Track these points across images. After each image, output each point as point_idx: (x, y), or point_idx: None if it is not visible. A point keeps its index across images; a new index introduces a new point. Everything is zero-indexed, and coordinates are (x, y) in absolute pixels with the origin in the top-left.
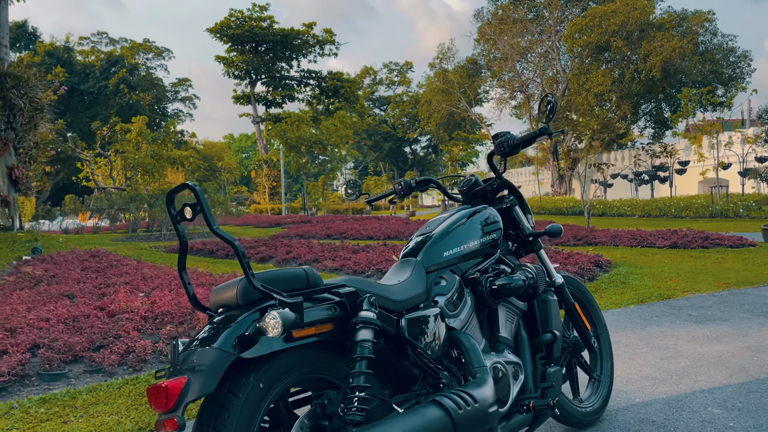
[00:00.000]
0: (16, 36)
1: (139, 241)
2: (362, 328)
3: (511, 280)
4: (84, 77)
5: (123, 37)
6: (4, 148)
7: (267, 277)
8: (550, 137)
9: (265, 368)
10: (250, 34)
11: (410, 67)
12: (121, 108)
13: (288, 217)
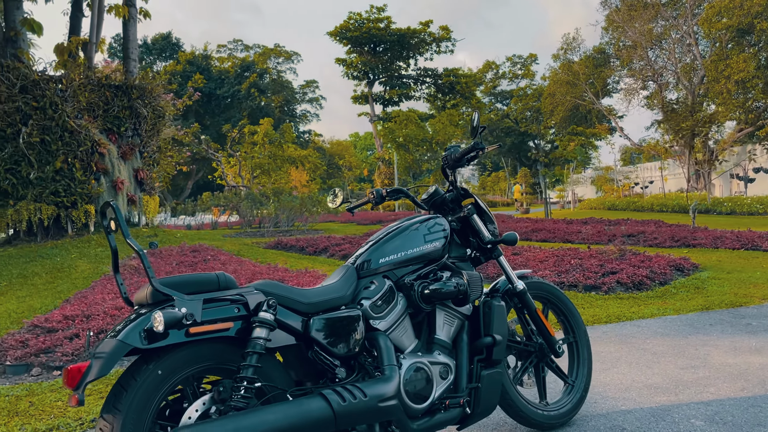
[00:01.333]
0: (162, 47)
1: (246, 237)
2: (257, 326)
3: (442, 286)
4: (220, 83)
5: (256, 44)
6: (130, 153)
7: (175, 281)
8: (483, 151)
9: (165, 358)
10: (368, 35)
11: (534, 60)
12: (252, 111)
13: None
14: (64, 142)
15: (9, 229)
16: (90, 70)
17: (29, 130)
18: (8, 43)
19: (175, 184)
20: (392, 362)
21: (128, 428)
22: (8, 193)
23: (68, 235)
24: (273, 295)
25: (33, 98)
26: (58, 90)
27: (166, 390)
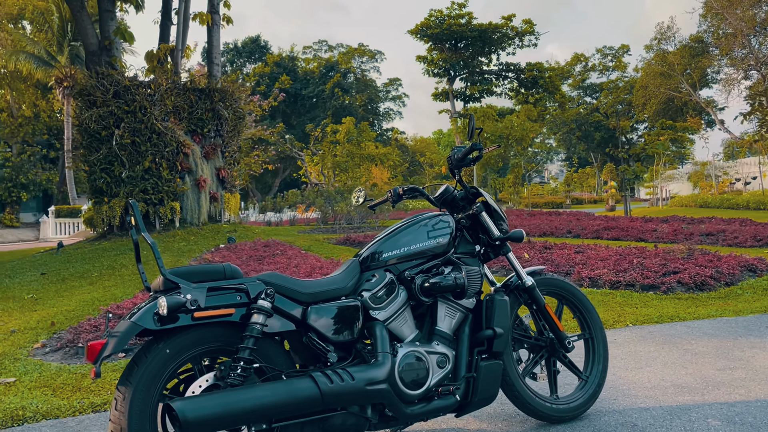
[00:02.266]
0: (251, 49)
1: (319, 233)
2: (255, 313)
3: (441, 280)
4: (305, 83)
5: (340, 43)
6: (213, 152)
7: (184, 270)
8: (481, 152)
9: (173, 339)
10: (449, 32)
11: (626, 51)
12: (335, 110)
13: None
14: (152, 143)
15: (104, 225)
16: (176, 75)
17: (121, 132)
18: (103, 51)
19: (264, 182)
20: (386, 350)
21: (137, 399)
22: (103, 191)
23: (156, 230)
24: (273, 285)
25: (125, 102)
26: (147, 94)
27: (174, 367)
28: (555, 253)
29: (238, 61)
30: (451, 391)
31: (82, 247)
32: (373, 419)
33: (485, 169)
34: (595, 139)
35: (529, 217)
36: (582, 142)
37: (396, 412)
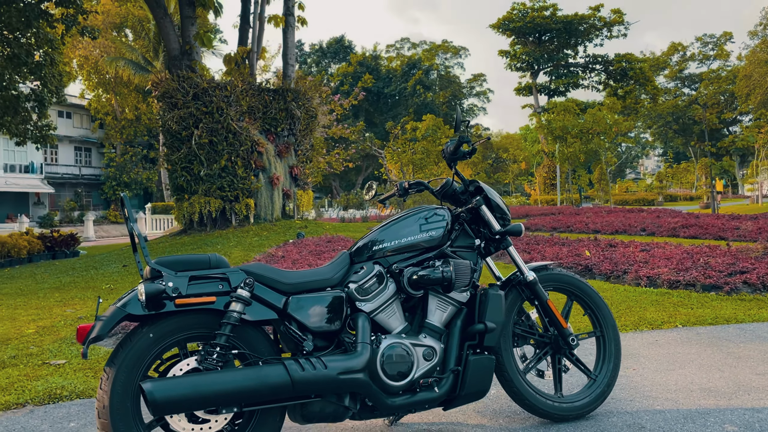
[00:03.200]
0: (335, 50)
1: None
2: (233, 301)
3: (429, 273)
4: (388, 81)
5: (423, 41)
6: (286, 151)
7: (170, 260)
8: (470, 144)
9: (157, 324)
10: (532, 25)
11: (729, 38)
12: (417, 107)
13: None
14: (228, 143)
15: (185, 220)
16: (251, 77)
17: (200, 132)
18: (184, 55)
19: (348, 179)
20: (365, 341)
21: (120, 379)
22: (184, 189)
23: (232, 225)
24: (255, 275)
25: (203, 104)
26: (223, 96)
27: (158, 351)
28: (618, 251)
29: (323, 61)
30: (437, 384)
31: (164, 242)
32: (352, 408)
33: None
34: (694, 132)
35: (606, 215)
36: (679, 135)
37: (376, 403)
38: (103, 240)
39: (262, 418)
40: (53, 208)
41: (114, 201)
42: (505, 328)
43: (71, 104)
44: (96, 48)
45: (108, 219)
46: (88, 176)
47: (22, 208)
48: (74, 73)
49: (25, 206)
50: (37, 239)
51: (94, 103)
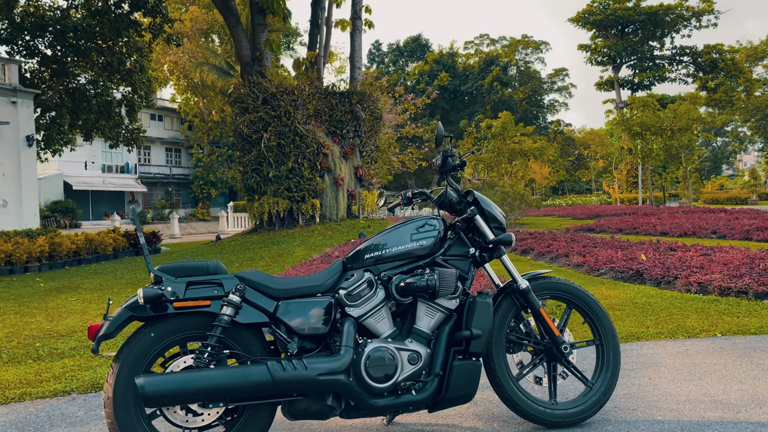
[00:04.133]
0: (412, 48)
1: None
2: (225, 305)
3: (415, 281)
4: (464, 79)
5: (502, 36)
6: (351, 152)
7: (172, 266)
8: (453, 158)
9: (158, 324)
10: (614, 17)
11: None
12: (494, 104)
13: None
14: (295, 145)
15: (255, 220)
16: (318, 81)
17: (268, 135)
18: (255, 61)
19: (424, 178)
20: (348, 344)
21: (123, 373)
22: (254, 189)
23: (299, 225)
24: (248, 281)
25: (272, 108)
26: (291, 100)
27: (159, 349)
28: (676, 255)
29: (400, 60)
30: (422, 387)
31: (234, 240)
32: (337, 407)
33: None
34: None
35: (681, 216)
36: None
37: (359, 403)
38: (188, 237)
39: (253, 413)
40: (146, 206)
41: (201, 199)
42: (497, 335)
43: (162, 107)
44: (185, 54)
45: (196, 216)
46: (177, 176)
47: (119, 205)
48: (165, 78)
49: (120, 204)
50: (121, 237)
51: (183, 106)
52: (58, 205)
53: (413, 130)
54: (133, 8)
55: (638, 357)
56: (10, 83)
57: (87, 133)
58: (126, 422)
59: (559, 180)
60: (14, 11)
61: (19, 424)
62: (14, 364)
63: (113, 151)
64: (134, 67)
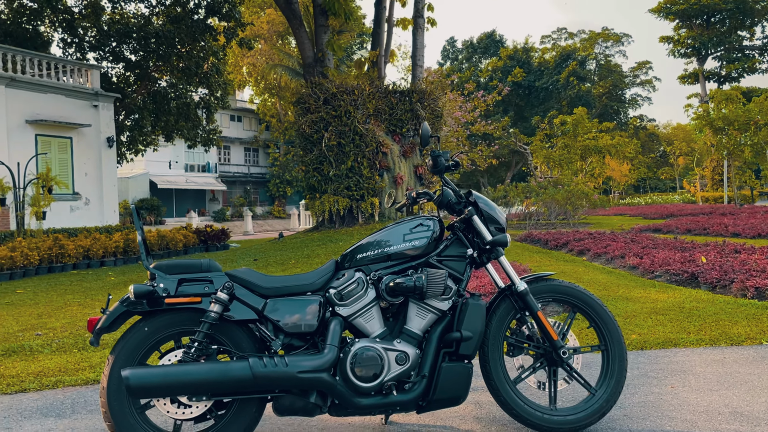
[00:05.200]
0: (486, 45)
1: (512, 230)
2: (213, 302)
3: (404, 281)
4: (539, 75)
5: (581, 30)
6: (410, 151)
7: (167, 264)
8: (440, 158)
9: (152, 319)
10: (698, 6)
11: None
12: (570, 100)
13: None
14: (354, 144)
15: (317, 218)
16: (379, 80)
17: (329, 135)
18: (317, 63)
19: (497, 176)
20: (333, 343)
21: (117, 365)
22: (315, 188)
23: (358, 223)
24: (238, 279)
25: (332, 108)
26: (351, 100)
27: (152, 342)
28: (739, 258)
29: (474, 57)
30: (410, 388)
31: (296, 237)
32: (321, 405)
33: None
34: None
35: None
36: None
37: (344, 401)
38: (260, 234)
39: (240, 408)
40: (225, 204)
41: (278, 198)
42: (494, 338)
43: (241, 108)
44: (262, 56)
45: (272, 214)
46: (255, 175)
47: (200, 203)
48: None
49: (202, 202)
50: (192, 233)
51: (261, 107)
52: (144, 203)
53: (483, 127)
54: (208, 14)
55: (668, 364)
56: (92, 87)
57: (168, 134)
58: (119, 411)
59: (640, 178)
60: (101, 20)
61: (43, 409)
62: (60, 353)
63: (195, 151)
64: (210, 70)
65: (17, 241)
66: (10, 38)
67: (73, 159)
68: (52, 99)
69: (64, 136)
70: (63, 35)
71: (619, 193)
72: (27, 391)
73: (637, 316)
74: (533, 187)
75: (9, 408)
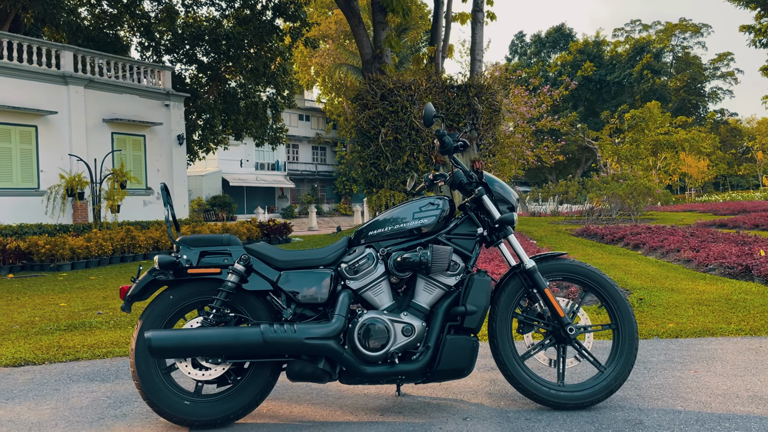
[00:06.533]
0: (555, 39)
1: (569, 224)
2: (230, 273)
3: (411, 257)
4: (611, 69)
5: (657, 21)
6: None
7: (192, 238)
8: (443, 138)
9: (176, 288)
10: None
11: None
12: (644, 94)
13: None
14: (411, 139)
15: (374, 212)
16: (436, 75)
17: (386, 130)
18: (375, 59)
19: (567, 172)
20: (341, 313)
21: (145, 328)
22: (372, 183)
23: None
24: (255, 253)
25: (389, 104)
26: (407, 95)
27: (177, 310)
28: None
29: (542, 51)
30: (415, 359)
31: (352, 231)
32: (331, 372)
33: None
34: None
35: None
36: None
37: (350, 369)
38: (324, 229)
39: (255, 372)
40: (293, 201)
41: (344, 195)
42: (503, 314)
43: (309, 108)
44: (329, 56)
45: (338, 211)
46: (322, 173)
47: (269, 200)
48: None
49: (271, 199)
50: (255, 227)
51: (328, 106)
52: (217, 200)
53: (549, 123)
54: (275, 15)
55: (698, 351)
56: (164, 88)
57: (237, 133)
58: (145, 372)
59: (719, 175)
60: (176, 23)
61: (91, 375)
62: (116, 329)
63: (265, 149)
64: (277, 70)
65: (93, 233)
66: (92, 43)
67: (145, 156)
68: (126, 99)
69: (138, 134)
70: (141, 39)
71: (695, 190)
72: (80, 360)
73: (680, 306)
74: (595, 182)
75: (61, 373)
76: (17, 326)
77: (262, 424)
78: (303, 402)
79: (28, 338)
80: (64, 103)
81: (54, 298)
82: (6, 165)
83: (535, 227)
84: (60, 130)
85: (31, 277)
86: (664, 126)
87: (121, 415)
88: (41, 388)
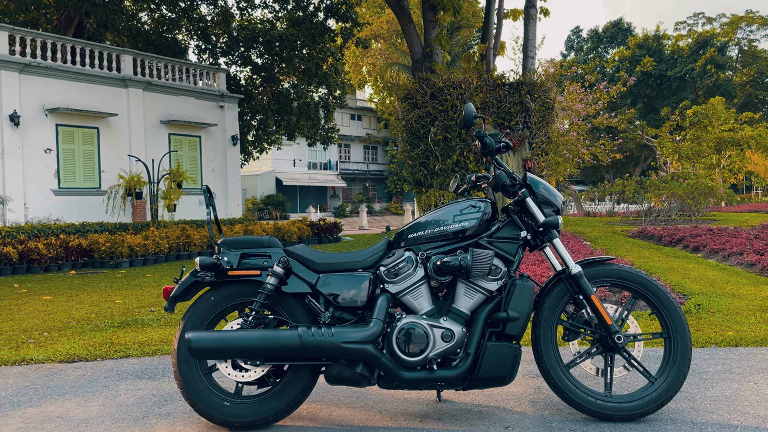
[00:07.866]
0: (612, 34)
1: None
2: (269, 275)
3: (450, 260)
4: (672, 63)
5: (721, 14)
6: (519, 144)
7: (233, 240)
8: (484, 138)
9: (218, 290)
10: None
11: None
12: (707, 89)
13: None
14: (461, 138)
15: (424, 211)
16: (487, 73)
17: (435, 129)
18: (425, 58)
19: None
20: (379, 317)
21: (186, 329)
22: (422, 182)
23: None
24: (294, 255)
25: (439, 103)
26: (458, 94)
27: (218, 311)
28: None
29: (599, 47)
30: (455, 365)
31: None
32: (369, 376)
33: None
34: None
35: None
36: None
37: (388, 374)
38: (375, 229)
39: (294, 375)
40: (345, 200)
41: (395, 194)
42: (547, 320)
43: (361, 107)
44: (381, 55)
45: (389, 210)
46: (374, 172)
47: (321, 200)
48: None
49: (323, 198)
50: (306, 226)
51: (380, 105)
52: (271, 199)
53: (606, 120)
54: (327, 16)
55: (759, 362)
56: (218, 89)
57: (290, 133)
58: (186, 372)
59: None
60: (231, 26)
61: (139, 372)
62: (166, 327)
63: (317, 149)
64: (329, 70)
65: (151, 231)
66: (152, 46)
67: (201, 156)
68: (183, 100)
69: (194, 135)
70: (198, 42)
71: (762, 189)
72: (129, 357)
73: (740, 313)
74: (653, 181)
75: (111, 369)
76: (74, 322)
77: (301, 426)
78: (342, 405)
79: (83, 334)
80: (123, 106)
81: (111, 295)
82: (70, 165)
83: (589, 228)
84: (120, 131)
85: (92, 274)
86: (729, 122)
87: (165, 414)
88: (91, 384)
